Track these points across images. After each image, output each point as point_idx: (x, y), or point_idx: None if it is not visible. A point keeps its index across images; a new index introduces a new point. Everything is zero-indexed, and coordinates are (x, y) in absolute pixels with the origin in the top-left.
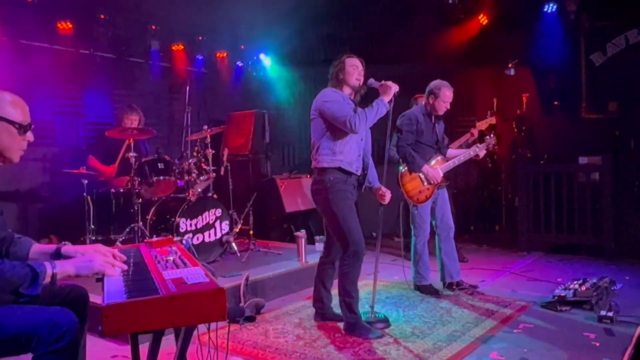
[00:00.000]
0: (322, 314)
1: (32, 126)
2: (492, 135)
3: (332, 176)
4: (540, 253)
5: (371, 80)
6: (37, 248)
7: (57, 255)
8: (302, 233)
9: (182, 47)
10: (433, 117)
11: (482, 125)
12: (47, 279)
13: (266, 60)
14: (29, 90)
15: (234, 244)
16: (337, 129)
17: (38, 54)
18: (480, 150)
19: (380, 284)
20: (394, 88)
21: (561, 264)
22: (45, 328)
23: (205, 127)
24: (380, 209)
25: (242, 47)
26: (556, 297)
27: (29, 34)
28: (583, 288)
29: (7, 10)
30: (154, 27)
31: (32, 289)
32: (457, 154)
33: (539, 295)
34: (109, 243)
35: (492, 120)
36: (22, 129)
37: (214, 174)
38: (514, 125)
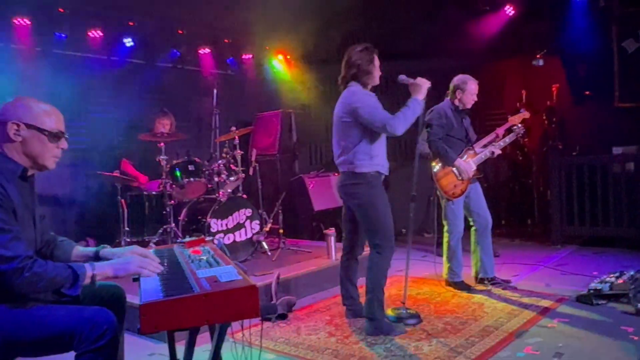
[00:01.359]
0: (354, 310)
1: (66, 135)
2: (520, 125)
3: (370, 178)
4: (574, 246)
5: (403, 77)
6: (78, 251)
7: (97, 257)
8: (331, 231)
9: (209, 50)
10: (460, 112)
11: (515, 119)
12: (87, 280)
13: (291, 60)
14: (63, 98)
15: (264, 243)
16: (373, 133)
17: (71, 62)
18: (508, 142)
19: (410, 280)
20: (426, 85)
21: (596, 257)
22: (87, 327)
23: (233, 128)
24: (410, 205)
25: (267, 47)
26: (592, 291)
27: (61, 44)
28: (620, 281)
29: (40, 22)
30: (181, 31)
31: (73, 290)
32: (483, 143)
33: (574, 289)
34: (143, 244)
35: (526, 114)
36: (53, 137)
37: (243, 175)
38: (544, 117)
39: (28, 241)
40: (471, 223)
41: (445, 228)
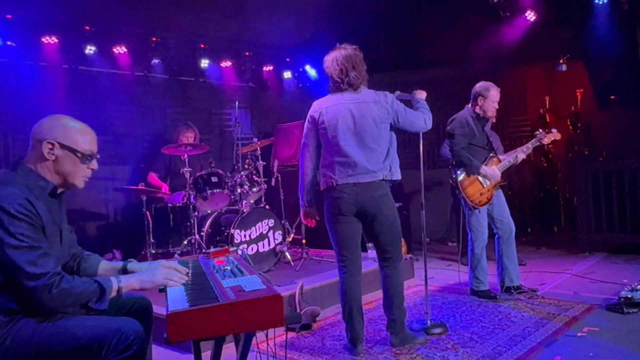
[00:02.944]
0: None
1: (98, 156)
2: (541, 130)
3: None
4: (603, 254)
5: (399, 93)
6: (105, 264)
7: (124, 272)
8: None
9: (230, 63)
10: (481, 119)
11: (546, 140)
12: (114, 293)
13: (311, 71)
14: (89, 112)
15: (287, 253)
16: (394, 137)
17: (97, 78)
18: (531, 148)
19: (435, 290)
20: (424, 95)
21: (627, 265)
22: (115, 337)
23: (255, 139)
24: (421, 212)
25: (288, 59)
26: (622, 299)
27: (87, 60)
28: None
29: (67, 39)
30: (202, 46)
31: (100, 304)
32: (507, 155)
33: (604, 297)
34: (168, 256)
35: (557, 135)
36: (85, 158)
37: (265, 185)
38: (568, 123)
39: (56, 257)
40: (494, 231)
41: (469, 236)
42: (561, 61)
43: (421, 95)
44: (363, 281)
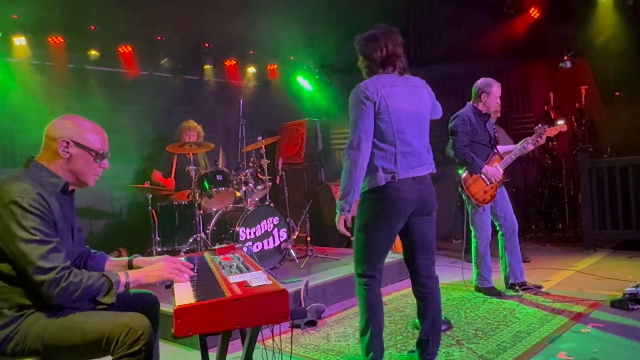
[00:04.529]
0: None
1: (109, 154)
2: (541, 125)
3: None
4: (607, 250)
5: None
6: (111, 262)
7: (130, 266)
8: None
9: (234, 62)
10: (482, 116)
11: (551, 132)
12: (121, 288)
13: (315, 69)
14: (94, 111)
15: (292, 251)
16: None
17: (102, 77)
18: (530, 144)
19: (440, 286)
20: None
21: (631, 261)
22: (123, 332)
23: (260, 138)
24: None
25: (292, 58)
26: (627, 295)
27: (93, 60)
28: None
29: (73, 40)
30: (207, 44)
31: (108, 298)
32: (509, 150)
33: (608, 294)
34: (174, 253)
35: (563, 127)
36: (98, 156)
37: (270, 183)
38: (573, 120)
39: (66, 253)
40: (498, 228)
41: (473, 233)
42: (565, 58)
43: None
44: None
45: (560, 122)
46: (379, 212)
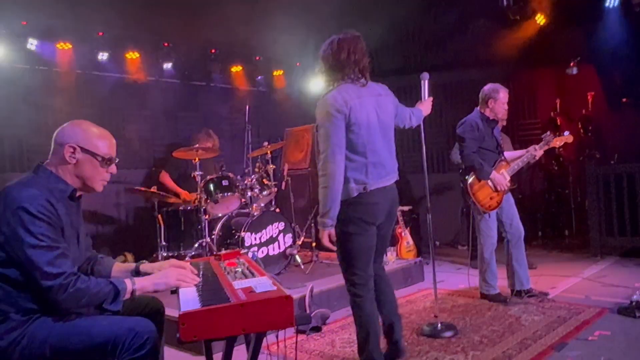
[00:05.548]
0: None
1: (117, 159)
2: (549, 132)
3: None
4: (615, 257)
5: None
6: (118, 267)
7: (137, 273)
8: None
9: (241, 68)
10: (489, 122)
11: (557, 142)
12: (128, 295)
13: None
14: (102, 116)
15: (297, 257)
16: None
17: (110, 83)
18: (538, 150)
19: (445, 293)
20: (427, 112)
21: (638, 268)
22: (129, 337)
23: (266, 143)
24: (428, 216)
25: (298, 64)
26: (634, 303)
27: (101, 66)
28: None
29: (81, 45)
30: (213, 50)
31: (114, 305)
32: (515, 156)
33: (616, 302)
34: (179, 259)
35: (569, 138)
36: (105, 161)
37: (276, 189)
38: (579, 126)
39: (73, 258)
40: (503, 234)
41: (479, 240)
42: (572, 64)
43: (425, 108)
44: None
45: (566, 133)
46: (356, 218)
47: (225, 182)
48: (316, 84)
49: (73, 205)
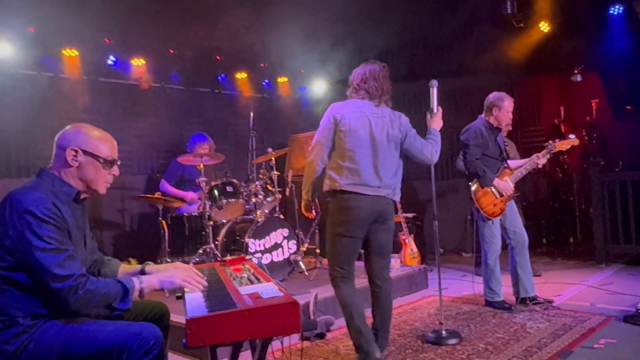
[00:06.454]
0: None
1: (119, 162)
2: (551, 141)
3: None
4: (620, 265)
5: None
6: (124, 268)
7: (142, 274)
8: None
9: (246, 74)
10: (494, 129)
11: (563, 145)
12: (136, 294)
13: (326, 82)
14: (107, 122)
15: (301, 263)
16: None
17: (115, 89)
18: (541, 159)
19: (449, 300)
20: (439, 124)
21: None
22: (135, 342)
23: (270, 149)
24: (434, 222)
25: (302, 70)
26: None
27: (107, 72)
28: None
29: (87, 52)
30: (218, 57)
31: (124, 304)
32: (519, 164)
33: (621, 309)
34: None
35: (575, 141)
36: (107, 163)
37: (280, 195)
38: (584, 133)
39: (80, 260)
40: (507, 241)
41: (482, 247)
42: (576, 71)
43: (436, 124)
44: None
45: (572, 136)
46: (340, 220)
47: (229, 188)
48: (319, 90)
49: (78, 208)
